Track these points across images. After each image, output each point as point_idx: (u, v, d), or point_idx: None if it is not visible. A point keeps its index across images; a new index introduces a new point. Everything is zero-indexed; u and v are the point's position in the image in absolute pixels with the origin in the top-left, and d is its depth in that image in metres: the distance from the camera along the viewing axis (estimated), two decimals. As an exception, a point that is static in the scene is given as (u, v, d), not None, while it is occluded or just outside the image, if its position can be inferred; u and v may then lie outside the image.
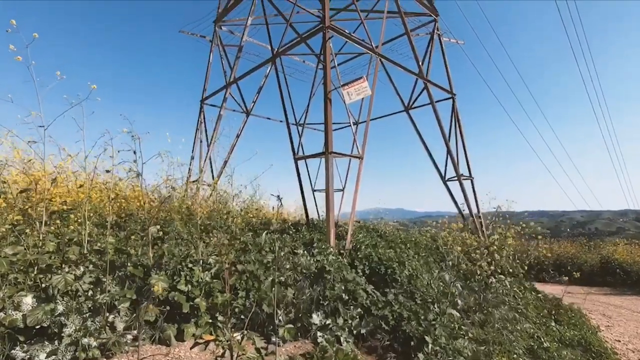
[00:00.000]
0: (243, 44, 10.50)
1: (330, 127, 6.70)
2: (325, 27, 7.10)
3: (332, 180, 6.43)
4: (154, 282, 3.52)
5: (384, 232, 8.40)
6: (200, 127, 11.11)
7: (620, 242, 17.04)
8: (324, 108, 6.77)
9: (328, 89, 6.79)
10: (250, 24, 10.28)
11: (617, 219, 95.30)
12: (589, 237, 23.86)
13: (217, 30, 11.50)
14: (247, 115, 11.12)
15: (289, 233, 6.67)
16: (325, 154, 6.56)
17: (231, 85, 10.47)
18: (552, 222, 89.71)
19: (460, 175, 10.70)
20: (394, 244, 6.96)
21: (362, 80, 6.99)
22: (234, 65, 10.43)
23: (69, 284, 3.19)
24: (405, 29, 10.11)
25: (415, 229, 11.88)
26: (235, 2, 10.48)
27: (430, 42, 11.35)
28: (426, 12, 11.40)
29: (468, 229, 10.28)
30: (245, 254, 4.91)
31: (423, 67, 10.49)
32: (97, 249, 4.06)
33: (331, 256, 5.37)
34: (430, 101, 10.48)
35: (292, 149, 7.85)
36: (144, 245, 4.30)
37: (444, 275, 5.50)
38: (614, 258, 15.01)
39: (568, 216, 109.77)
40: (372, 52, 8.33)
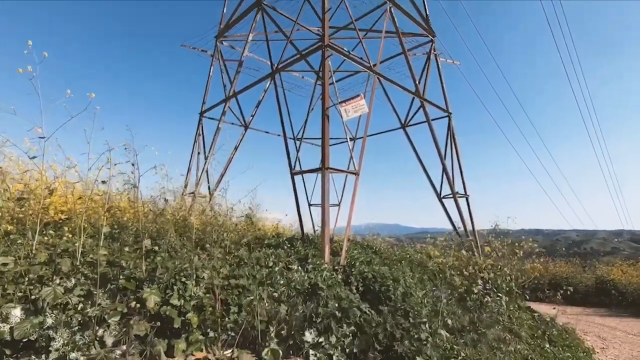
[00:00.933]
0: (243, 59, 10.68)
1: (328, 143, 6.77)
2: (324, 45, 7.26)
3: (328, 196, 6.46)
4: (146, 296, 3.49)
5: (379, 248, 8.39)
6: (198, 140, 11.18)
7: (617, 264, 17.06)
8: (322, 124, 6.86)
9: (326, 106, 6.90)
10: (251, 40, 10.48)
11: (612, 239, 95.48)
12: (584, 256, 23.88)
13: (219, 45, 11.71)
14: (245, 128, 11.22)
15: (284, 248, 6.64)
16: (322, 170, 6.61)
17: (230, 99, 10.60)
18: (548, 240, 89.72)
19: (456, 193, 10.78)
20: (388, 261, 6.94)
21: (360, 97, 7.11)
22: (234, 80, 10.57)
23: (58, 296, 3.16)
24: (402, 48, 10.34)
25: (411, 246, 11.87)
26: (237, 19, 10.71)
27: (427, 62, 11.60)
28: (423, 33, 11.69)
29: (464, 246, 10.28)
30: (239, 268, 4.89)
31: (420, 86, 10.69)
32: (90, 261, 4.03)
33: (325, 272, 5.34)
34: (426, 119, 10.64)
35: (289, 163, 7.90)
36: (137, 258, 4.27)
37: (438, 294, 5.48)
38: (610, 279, 15.00)
39: (563, 235, 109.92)
40: (369, 70, 8.50)
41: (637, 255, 52.21)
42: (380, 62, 9.61)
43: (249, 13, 10.25)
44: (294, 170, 7.80)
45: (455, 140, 11.36)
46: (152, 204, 6.55)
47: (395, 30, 10.23)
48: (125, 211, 6.21)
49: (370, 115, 7.81)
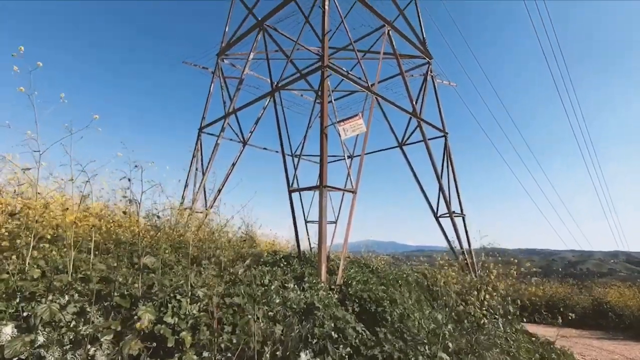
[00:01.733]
0: (244, 76, 10.87)
1: (326, 161, 6.83)
2: (324, 65, 7.43)
3: (325, 214, 6.47)
4: (140, 314, 3.44)
5: (375, 267, 8.35)
6: (196, 155, 11.22)
7: (613, 286, 17.02)
8: (320, 143, 6.95)
9: (325, 125, 7.00)
10: (252, 59, 10.69)
11: (608, 260, 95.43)
12: (580, 277, 23.79)
13: (220, 62, 11.92)
14: (243, 145, 11.30)
15: (280, 266, 6.60)
16: (320, 188, 6.65)
17: (230, 116, 10.72)
18: (544, 260, 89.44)
19: (452, 212, 10.82)
20: (385, 281, 6.90)
21: (358, 117, 7.23)
22: (234, 97, 10.73)
23: (54, 313, 3.11)
24: (400, 70, 10.59)
25: (407, 265, 11.81)
26: (239, 38, 10.96)
27: (424, 83, 11.86)
28: (420, 55, 12.00)
29: (459, 266, 10.26)
30: (235, 286, 4.84)
31: (417, 106, 10.89)
32: (83, 277, 3.98)
33: (322, 291, 5.30)
34: (423, 139, 10.79)
35: (287, 181, 7.94)
36: (134, 274, 4.23)
37: (436, 315, 5.44)
38: (606, 301, 14.92)
39: (559, 255, 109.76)
40: (368, 90, 8.67)
41: (633, 277, 52.07)
42: (378, 82, 9.82)
43: (250, 32, 10.50)
44: (291, 187, 7.83)
45: (452, 159, 11.50)
46: (149, 219, 6.53)
47: (393, 52, 10.50)
48: (122, 226, 6.18)
49: (367, 134, 7.93)
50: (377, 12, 9.75)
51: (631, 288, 15.63)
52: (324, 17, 7.89)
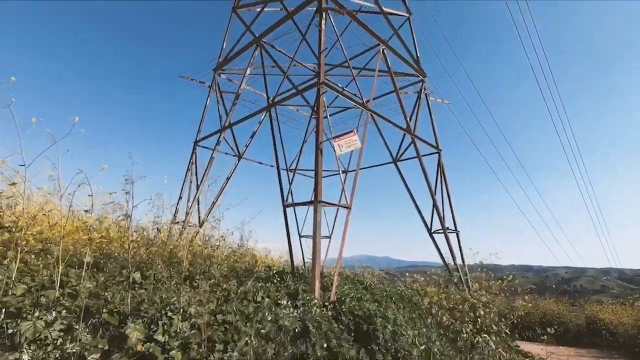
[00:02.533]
0: (240, 91, 10.97)
1: (321, 176, 6.86)
2: (319, 82, 7.54)
3: (319, 230, 6.46)
4: (129, 332, 3.37)
5: (369, 284, 8.29)
6: (191, 168, 11.20)
7: (607, 303, 17.02)
8: (315, 158, 6.99)
9: (320, 140, 7.06)
10: (248, 74, 10.82)
11: (601, 277, 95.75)
12: (574, 294, 23.78)
13: (216, 77, 12.04)
14: (239, 158, 11.31)
15: (274, 282, 6.53)
16: (314, 203, 6.65)
17: (226, 130, 10.76)
18: (537, 277, 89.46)
19: (446, 228, 10.86)
20: (379, 297, 6.84)
21: (353, 133, 7.31)
22: (230, 111, 10.80)
23: (38, 331, 3.03)
24: (394, 87, 10.78)
25: (401, 281, 11.75)
26: (236, 54, 11.11)
27: (418, 101, 12.07)
28: (414, 73, 12.24)
29: (453, 282, 10.23)
30: (227, 302, 4.77)
31: (411, 123, 11.04)
32: (72, 293, 3.90)
33: (315, 308, 5.24)
34: (417, 155, 10.90)
35: (281, 195, 7.93)
36: (123, 290, 4.16)
37: (429, 334, 5.39)
38: (600, 318, 14.89)
39: (553, 272, 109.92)
40: (362, 107, 8.79)
41: (626, 294, 52.11)
42: (373, 99, 9.96)
43: (248, 49, 10.66)
44: (286, 202, 7.82)
45: (445, 176, 11.60)
46: (142, 233, 6.46)
47: (388, 70, 10.71)
48: (113, 240, 6.10)
49: (362, 149, 8.00)
50: (372, 31, 9.98)
51: (624, 306, 15.64)
52: (320, 35, 8.06)
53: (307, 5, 9.00)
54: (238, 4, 11.90)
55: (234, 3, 12.01)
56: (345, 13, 9.13)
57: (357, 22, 9.62)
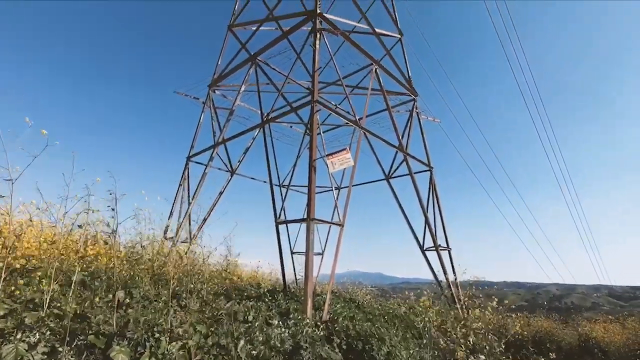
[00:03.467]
0: (234, 107, 11.04)
1: (314, 194, 6.87)
2: (313, 101, 7.65)
3: (312, 248, 6.42)
4: (114, 355, 3.27)
5: (361, 302, 8.21)
6: (183, 184, 11.12)
7: (599, 320, 17.03)
8: (309, 176, 7.01)
9: (313, 158, 7.10)
10: (243, 91, 10.93)
11: (591, 294, 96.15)
12: (566, 312, 23.78)
13: (211, 93, 12.12)
14: (231, 174, 11.28)
15: (265, 300, 6.42)
16: (307, 221, 6.63)
17: (219, 146, 10.76)
18: (529, 294, 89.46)
19: (438, 245, 10.88)
20: (371, 316, 6.77)
21: (346, 151, 7.38)
22: (224, 127, 10.83)
23: (20, 354, 2.93)
24: (386, 105, 10.97)
25: (394, 300, 11.66)
26: (231, 71, 11.23)
27: (410, 119, 12.28)
28: (406, 92, 12.49)
29: (445, 300, 10.20)
30: (217, 322, 4.67)
31: (403, 141, 11.19)
32: (57, 313, 3.79)
33: (307, 328, 5.15)
34: (409, 172, 11.01)
35: (274, 212, 7.90)
36: (109, 311, 4.05)
37: (424, 354, 5.33)
38: (592, 336, 14.86)
39: (544, 289, 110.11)
40: (355, 125, 8.91)
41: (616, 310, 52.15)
42: (365, 117, 10.11)
43: (243, 66, 10.79)
44: (279, 219, 7.78)
45: (437, 193, 11.70)
46: (129, 249, 6.34)
47: (380, 89, 10.92)
48: (100, 257, 5.96)
49: (355, 167, 8.06)
50: (364, 51, 10.21)
51: (616, 324, 15.66)
52: (315, 55, 8.22)
53: (302, 25, 9.20)
54: (234, 23, 12.11)
55: (230, 21, 12.22)
56: (339, 34, 9.36)
57: (351, 43, 9.85)
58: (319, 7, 8.91)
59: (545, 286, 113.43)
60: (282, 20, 10.00)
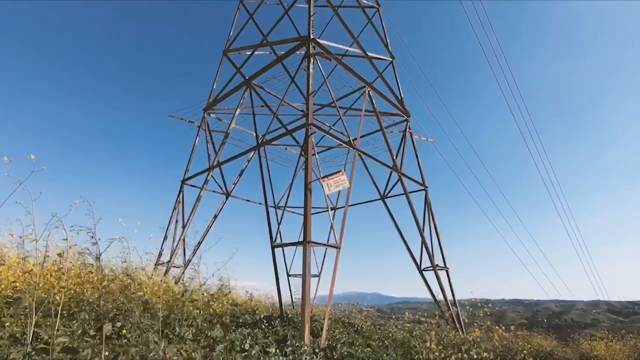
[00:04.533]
0: (230, 131, 11.10)
1: (310, 217, 6.82)
2: (308, 124, 7.72)
3: (309, 272, 6.31)
4: (104, 393, 3.12)
5: (360, 327, 8.03)
6: (177, 207, 11.00)
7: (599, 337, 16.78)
8: (304, 199, 6.99)
9: (309, 180, 7.10)
10: (238, 114, 11.02)
11: (591, 310, 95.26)
12: (566, 329, 23.46)
13: (206, 117, 12.20)
14: (226, 196, 11.22)
15: (261, 327, 6.25)
16: (304, 244, 6.55)
17: (214, 169, 10.74)
18: (529, 311, 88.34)
19: (436, 265, 10.79)
20: (371, 341, 6.59)
21: (341, 173, 7.39)
22: (219, 150, 10.85)
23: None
24: (380, 126, 11.11)
25: (393, 319, 11.45)
26: (226, 95, 11.36)
27: (403, 139, 12.43)
28: (399, 113, 12.69)
29: (444, 320, 10.04)
30: (213, 352, 4.51)
31: (397, 161, 11.28)
32: (44, 347, 3.63)
33: (305, 356, 5.00)
34: (404, 192, 11.03)
35: (269, 235, 7.81)
36: (98, 343, 3.90)
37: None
38: (594, 355, 14.59)
39: (543, 305, 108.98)
40: (350, 146, 8.97)
41: (617, 327, 51.47)
42: (360, 137, 10.20)
43: (238, 90, 10.93)
44: (275, 242, 7.68)
45: (433, 213, 11.70)
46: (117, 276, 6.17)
47: (373, 110, 11.08)
48: (85, 283, 5.78)
49: (350, 188, 8.06)
50: (357, 75, 10.42)
51: (618, 341, 15.44)
52: (309, 79, 8.36)
53: (296, 50, 9.41)
54: (229, 48, 12.35)
55: (225, 46, 12.47)
56: (333, 58, 9.56)
57: (344, 67, 10.07)
58: (312, 32, 9.15)
59: (544, 303, 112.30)
60: (276, 45, 10.22)
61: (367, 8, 13.52)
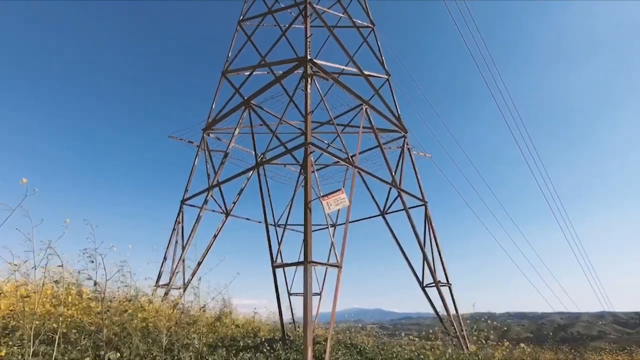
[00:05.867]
0: (229, 150, 11.18)
1: (310, 236, 6.80)
2: (307, 143, 7.79)
3: (310, 292, 6.25)
4: None
5: (363, 348, 7.87)
6: (177, 228, 10.96)
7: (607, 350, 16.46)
8: (304, 218, 6.98)
9: (309, 200, 7.11)
10: (237, 134, 11.11)
11: (596, 322, 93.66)
12: (573, 342, 23.01)
13: (205, 137, 12.30)
14: (226, 216, 11.20)
15: (263, 351, 6.14)
16: (305, 264, 6.51)
17: (214, 188, 10.76)
18: (534, 325, 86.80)
19: (438, 282, 10.69)
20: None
21: (341, 192, 7.42)
22: (218, 170, 10.90)
23: None
24: (378, 143, 11.20)
25: (396, 339, 11.25)
26: (225, 115, 11.49)
27: (401, 155, 12.50)
28: (396, 130, 12.81)
29: (449, 337, 9.90)
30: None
31: (396, 176, 11.32)
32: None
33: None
34: (404, 208, 11.03)
35: (270, 255, 7.76)
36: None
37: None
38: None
39: (548, 318, 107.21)
40: (349, 164, 9.03)
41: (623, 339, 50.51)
42: (359, 154, 10.27)
43: (236, 110, 11.06)
44: (275, 263, 7.62)
45: (433, 228, 11.67)
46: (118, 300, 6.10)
47: (371, 127, 11.20)
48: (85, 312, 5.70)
49: (350, 206, 8.06)
50: (354, 92, 10.57)
51: (625, 353, 15.14)
52: (307, 100, 8.48)
53: (294, 71, 9.58)
54: (227, 69, 12.56)
55: (224, 68, 12.67)
56: (330, 78, 9.73)
57: (341, 86, 10.23)
58: (309, 53, 9.33)
59: (549, 315, 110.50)
60: (274, 66, 10.41)
61: (362, 28, 13.83)
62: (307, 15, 10.59)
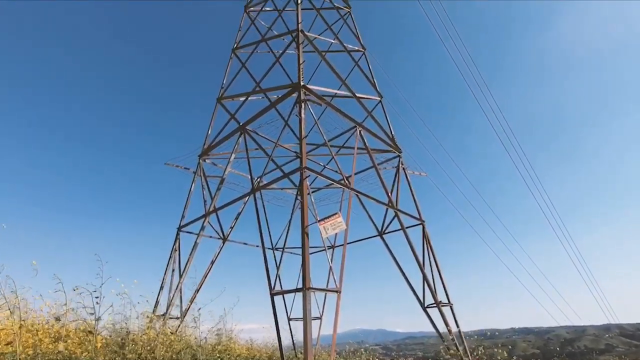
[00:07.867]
0: (225, 176, 11.22)
1: (308, 261, 6.77)
2: (302, 168, 7.87)
3: (309, 319, 6.17)
4: None
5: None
6: (173, 255, 10.84)
7: None
8: (302, 243, 6.97)
9: (305, 224, 7.12)
10: (233, 159, 11.19)
11: (603, 335, 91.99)
12: (580, 356, 22.62)
13: (201, 162, 12.36)
14: (223, 241, 11.14)
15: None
16: (304, 290, 6.45)
17: (210, 215, 10.74)
18: (540, 340, 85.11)
19: (439, 302, 10.58)
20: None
21: (337, 215, 7.45)
22: (215, 196, 10.91)
23: None
24: (373, 164, 11.31)
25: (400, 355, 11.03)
26: (221, 141, 11.61)
27: (397, 175, 12.59)
28: (391, 150, 12.97)
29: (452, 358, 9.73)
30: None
31: (392, 197, 11.38)
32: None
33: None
34: (401, 228, 11.03)
35: (268, 282, 7.67)
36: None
37: None
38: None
39: (554, 333, 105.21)
40: (345, 187, 9.10)
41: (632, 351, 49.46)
42: (354, 174, 10.35)
43: (232, 135, 11.18)
44: (273, 290, 7.52)
45: (432, 247, 11.63)
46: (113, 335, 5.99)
47: (365, 148, 11.34)
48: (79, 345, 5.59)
49: (347, 228, 8.06)
50: (348, 116, 10.77)
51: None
52: (301, 124, 8.63)
53: (288, 96, 9.78)
54: (223, 95, 12.78)
55: (219, 94, 12.90)
56: (323, 102, 9.93)
57: (334, 110, 10.43)
58: (302, 79, 9.55)
59: (555, 330, 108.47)
60: (269, 92, 10.62)
61: (353, 52, 14.22)
62: (300, 42, 10.89)
